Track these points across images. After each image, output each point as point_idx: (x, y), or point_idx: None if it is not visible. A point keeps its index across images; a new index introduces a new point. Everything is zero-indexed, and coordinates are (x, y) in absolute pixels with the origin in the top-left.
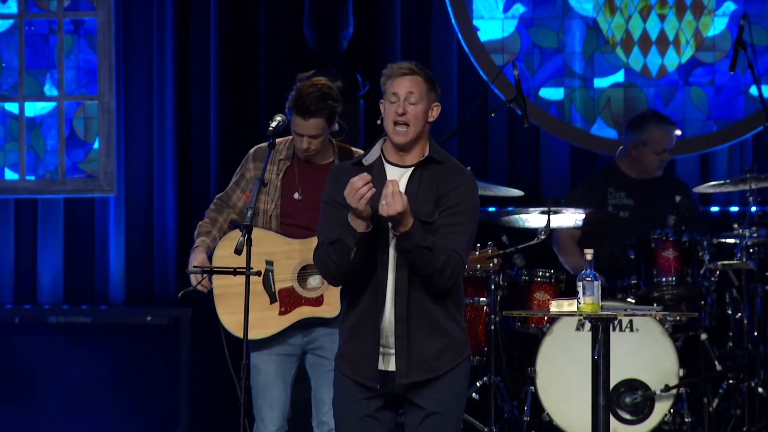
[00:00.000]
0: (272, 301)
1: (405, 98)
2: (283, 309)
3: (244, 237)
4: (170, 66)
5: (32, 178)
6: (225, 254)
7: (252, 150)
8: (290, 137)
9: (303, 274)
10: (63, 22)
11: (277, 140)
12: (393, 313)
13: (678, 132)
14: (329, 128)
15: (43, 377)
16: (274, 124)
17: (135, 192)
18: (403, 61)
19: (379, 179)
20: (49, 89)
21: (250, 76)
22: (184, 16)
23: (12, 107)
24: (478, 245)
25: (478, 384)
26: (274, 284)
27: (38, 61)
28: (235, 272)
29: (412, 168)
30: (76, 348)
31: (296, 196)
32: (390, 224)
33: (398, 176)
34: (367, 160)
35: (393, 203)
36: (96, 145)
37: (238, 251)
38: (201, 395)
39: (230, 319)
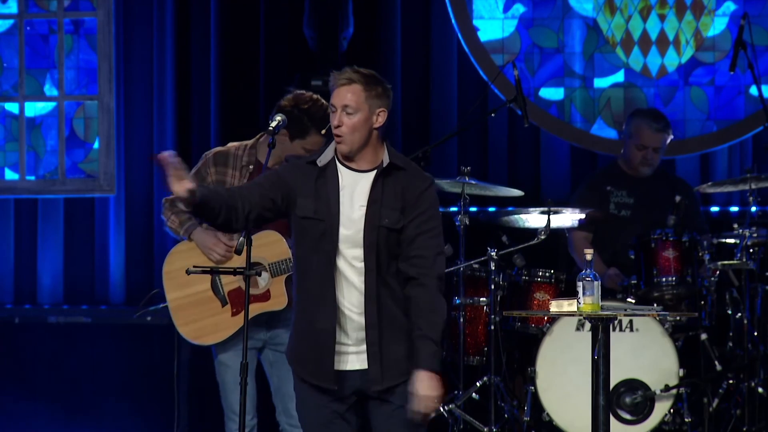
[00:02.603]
0: (223, 304)
1: (341, 109)
2: (234, 310)
3: (244, 237)
4: (170, 66)
5: (32, 178)
6: (173, 269)
7: (211, 154)
8: (247, 143)
9: None
10: (63, 22)
11: (234, 144)
12: (362, 318)
13: (670, 136)
14: None
15: (43, 377)
16: (274, 124)
17: (135, 192)
18: (347, 68)
19: (331, 181)
20: (49, 89)
21: (250, 76)
22: (184, 16)
23: (12, 107)
24: None
25: (478, 384)
26: (222, 287)
27: (38, 61)
28: (235, 272)
29: (371, 173)
30: (76, 348)
31: None
32: None
33: (354, 181)
34: (321, 161)
35: (431, 407)
36: (96, 145)
37: (238, 251)
38: (200, 395)
39: (187, 329)
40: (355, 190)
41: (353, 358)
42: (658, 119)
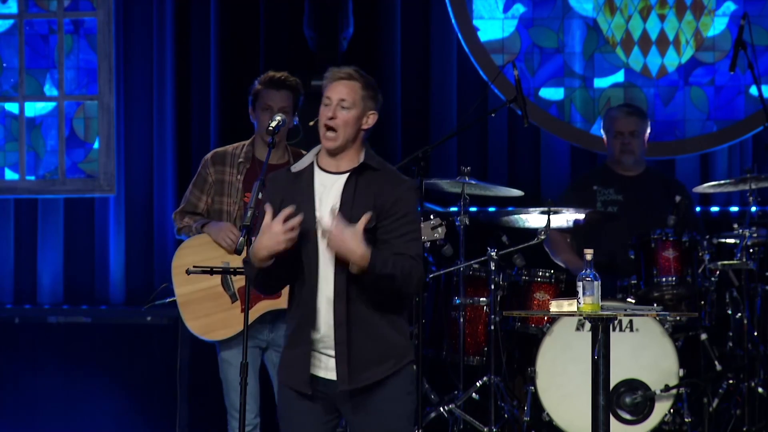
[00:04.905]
0: (233, 300)
1: (337, 103)
2: (243, 307)
3: (244, 237)
4: (170, 66)
5: (32, 178)
6: (183, 263)
7: (209, 155)
8: (244, 142)
9: None
10: (63, 22)
11: (234, 145)
12: (332, 319)
13: (646, 123)
14: (294, 109)
15: (43, 377)
16: (273, 124)
17: (135, 192)
18: (346, 66)
19: (307, 185)
20: (49, 89)
21: (250, 76)
22: (184, 16)
23: (12, 107)
24: (422, 218)
25: (478, 384)
26: (232, 284)
27: (38, 61)
28: (235, 272)
29: (346, 175)
30: (76, 348)
31: (259, 196)
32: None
33: (329, 183)
34: (296, 167)
35: (345, 241)
36: (96, 145)
37: (238, 251)
38: (201, 395)
39: (196, 323)
40: (330, 191)
41: (327, 363)
42: (628, 105)
